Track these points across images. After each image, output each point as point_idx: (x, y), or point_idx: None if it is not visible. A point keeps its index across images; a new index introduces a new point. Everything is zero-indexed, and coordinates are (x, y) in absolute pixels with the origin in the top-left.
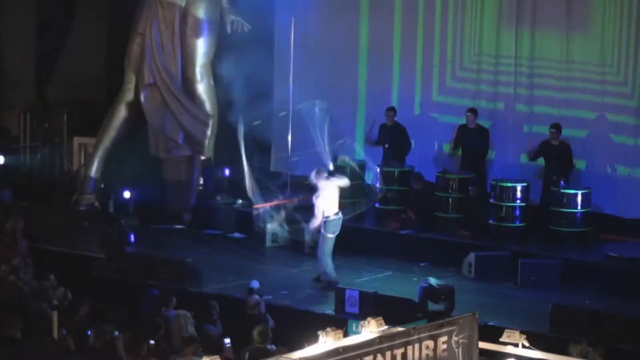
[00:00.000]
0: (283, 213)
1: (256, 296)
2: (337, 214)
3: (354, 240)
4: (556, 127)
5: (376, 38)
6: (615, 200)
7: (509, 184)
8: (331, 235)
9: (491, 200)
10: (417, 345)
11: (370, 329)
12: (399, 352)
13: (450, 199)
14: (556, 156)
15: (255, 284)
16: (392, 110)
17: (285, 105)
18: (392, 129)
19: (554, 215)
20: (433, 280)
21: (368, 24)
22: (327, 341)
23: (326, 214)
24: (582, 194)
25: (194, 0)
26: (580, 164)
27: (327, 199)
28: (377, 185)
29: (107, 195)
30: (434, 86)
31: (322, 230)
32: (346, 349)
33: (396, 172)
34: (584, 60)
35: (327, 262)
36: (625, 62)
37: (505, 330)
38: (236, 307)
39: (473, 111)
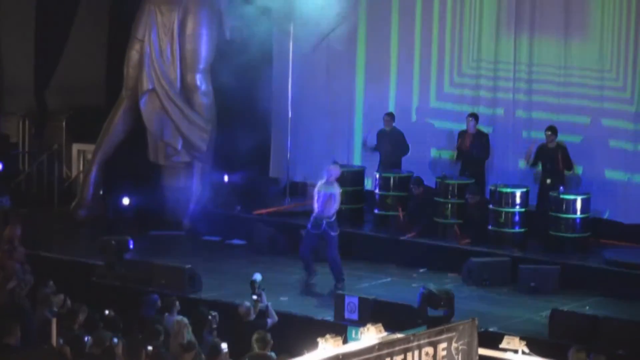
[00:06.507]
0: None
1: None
2: None
3: (353, 246)
4: (552, 129)
5: (374, 43)
6: (615, 206)
7: (508, 190)
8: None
9: (490, 205)
10: (416, 352)
11: (369, 336)
12: (398, 358)
13: (450, 205)
14: (551, 159)
15: (257, 276)
16: (389, 115)
17: (284, 110)
18: (390, 135)
19: (553, 221)
20: (432, 286)
21: (366, 29)
22: (327, 348)
23: None
24: (582, 199)
25: (192, 6)
26: (578, 169)
27: None
28: (376, 191)
29: (106, 202)
30: (431, 92)
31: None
32: (345, 355)
33: (395, 178)
34: (583, 66)
35: None
36: (624, 67)
37: (505, 337)
38: (234, 314)
39: (474, 116)
